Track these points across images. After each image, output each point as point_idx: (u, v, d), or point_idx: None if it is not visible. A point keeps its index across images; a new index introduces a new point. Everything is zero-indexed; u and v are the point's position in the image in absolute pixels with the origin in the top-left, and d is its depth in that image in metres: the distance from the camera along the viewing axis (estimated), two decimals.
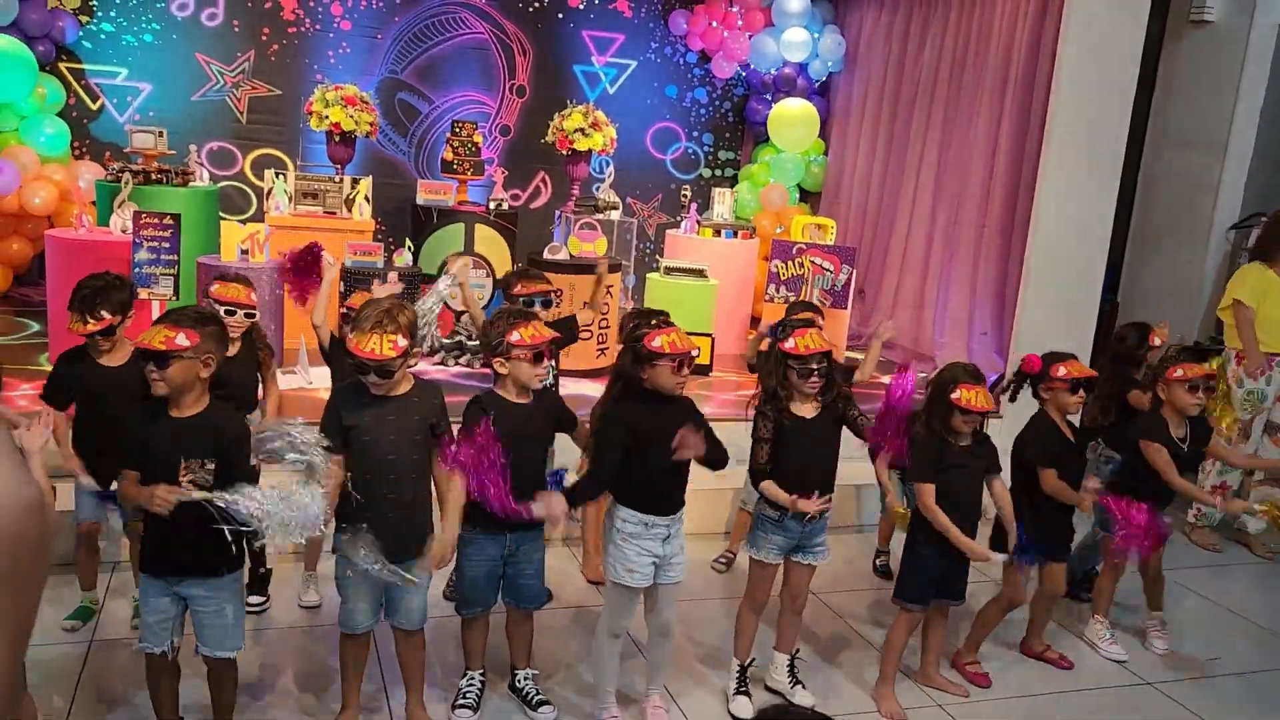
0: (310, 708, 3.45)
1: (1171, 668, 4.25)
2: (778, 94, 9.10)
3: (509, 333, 3.23)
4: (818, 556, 3.62)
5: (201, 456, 2.84)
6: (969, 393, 3.53)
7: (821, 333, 3.54)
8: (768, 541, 3.56)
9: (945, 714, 3.76)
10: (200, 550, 2.89)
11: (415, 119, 8.60)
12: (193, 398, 2.90)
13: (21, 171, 6.79)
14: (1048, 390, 3.96)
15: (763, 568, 3.62)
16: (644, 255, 8.95)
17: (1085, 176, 6.06)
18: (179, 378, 2.84)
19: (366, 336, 3.04)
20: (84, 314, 3.55)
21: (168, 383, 2.83)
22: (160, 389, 2.85)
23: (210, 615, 2.98)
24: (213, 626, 2.99)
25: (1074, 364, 3.96)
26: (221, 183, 7.66)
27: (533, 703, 3.52)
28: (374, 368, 3.05)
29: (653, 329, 3.24)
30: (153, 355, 2.81)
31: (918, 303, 7.86)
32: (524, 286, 4.15)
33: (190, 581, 2.94)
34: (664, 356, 3.19)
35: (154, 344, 2.80)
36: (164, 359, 2.81)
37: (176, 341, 2.81)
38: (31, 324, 6.68)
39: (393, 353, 3.03)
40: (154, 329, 2.86)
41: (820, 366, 3.44)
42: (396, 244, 6.81)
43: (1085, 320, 6.24)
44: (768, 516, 3.55)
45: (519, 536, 3.37)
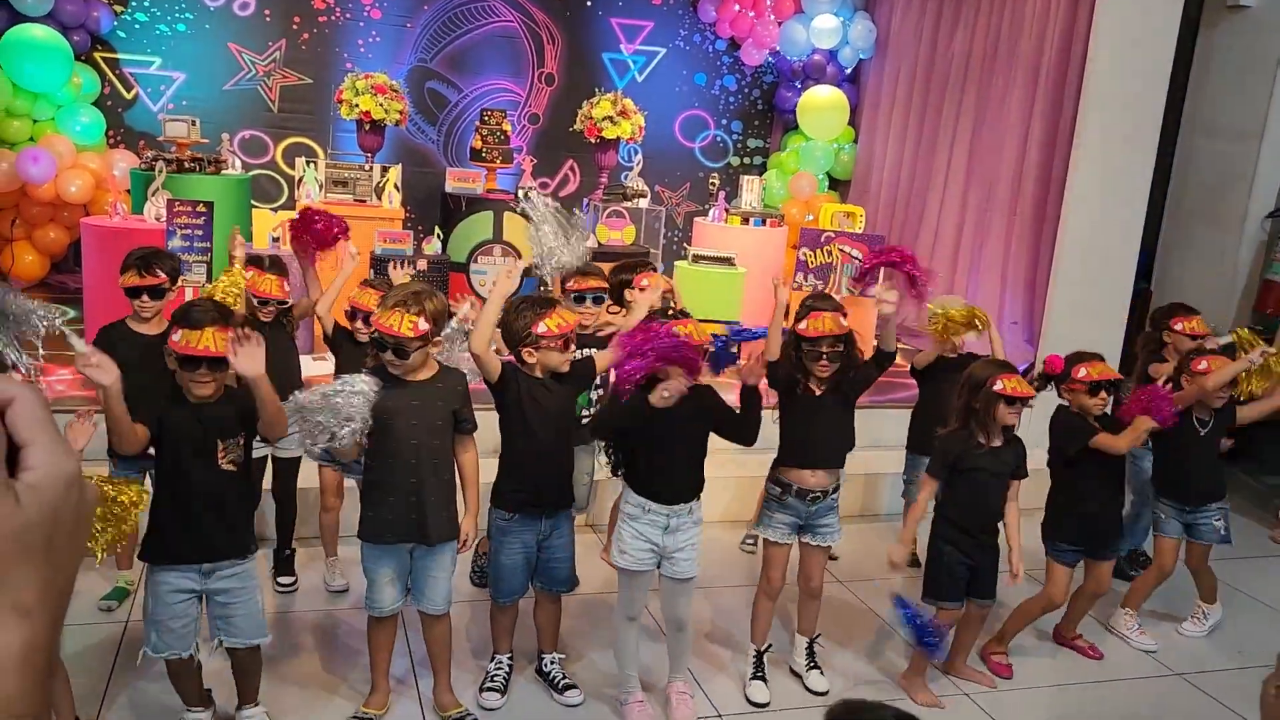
0: (340, 689, 3.50)
1: (1202, 659, 4.21)
2: (807, 81, 9.05)
3: (535, 324, 3.25)
4: (827, 537, 3.64)
5: (235, 434, 2.92)
6: (1010, 381, 3.53)
7: (838, 317, 3.55)
8: (775, 520, 3.60)
9: (973, 703, 3.75)
10: (232, 528, 2.94)
11: (444, 107, 8.64)
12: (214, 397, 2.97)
13: (58, 160, 6.88)
14: (1069, 391, 3.93)
15: (774, 548, 3.65)
16: (672, 243, 8.94)
17: (1118, 164, 5.98)
18: (225, 380, 2.93)
19: (389, 313, 3.08)
20: (140, 270, 3.65)
21: (218, 383, 2.90)
22: (208, 390, 2.88)
23: (240, 605, 3.01)
24: (244, 616, 3.02)
25: (1096, 365, 3.87)
26: (253, 171, 7.73)
27: (559, 686, 3.55)
28: (391, 344, 3.07)
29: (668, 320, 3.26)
30: (210, 361, 2.84)
31: (947, 291, 7.79)
32: (578, 282, 4.15)
33: (224, 569, 2.95)
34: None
35: (217, 348, 2.82)
36: (221, 363, 2.85)
37: None
38: (68, 310, 6.75)
39: (410, 332, 3.04)
40: (206, 334, 2.84)
41: (830, 350, 3.45)
42: (426, 232, 6.85)
43: (1117, 309, 6.17)
44: (773, 495, 3.62)
45: (553, 521, 3.40)
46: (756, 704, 3.63)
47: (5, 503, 0.61)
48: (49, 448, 0.64)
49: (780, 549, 3.65)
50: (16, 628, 0.61)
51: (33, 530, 0.62)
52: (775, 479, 3.63)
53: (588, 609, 4.21)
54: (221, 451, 2.90)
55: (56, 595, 0.64)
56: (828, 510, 3.61)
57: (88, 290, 5.84)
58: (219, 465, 2.89)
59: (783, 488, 3.59)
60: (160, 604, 2.93)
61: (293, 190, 7.65)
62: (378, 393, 2.97)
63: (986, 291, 7.29)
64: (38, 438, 0.64)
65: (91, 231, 5.78)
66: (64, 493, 0.64)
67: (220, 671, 3.26)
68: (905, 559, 3.85)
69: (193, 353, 2.83)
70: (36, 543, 0.62)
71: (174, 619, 2.93)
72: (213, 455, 2.88)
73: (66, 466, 0.64)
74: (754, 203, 7.86)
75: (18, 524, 0.61)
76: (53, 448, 0.64)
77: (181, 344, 2.84)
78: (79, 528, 0.65)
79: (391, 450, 3.13)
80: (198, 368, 2.85)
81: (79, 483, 0.65)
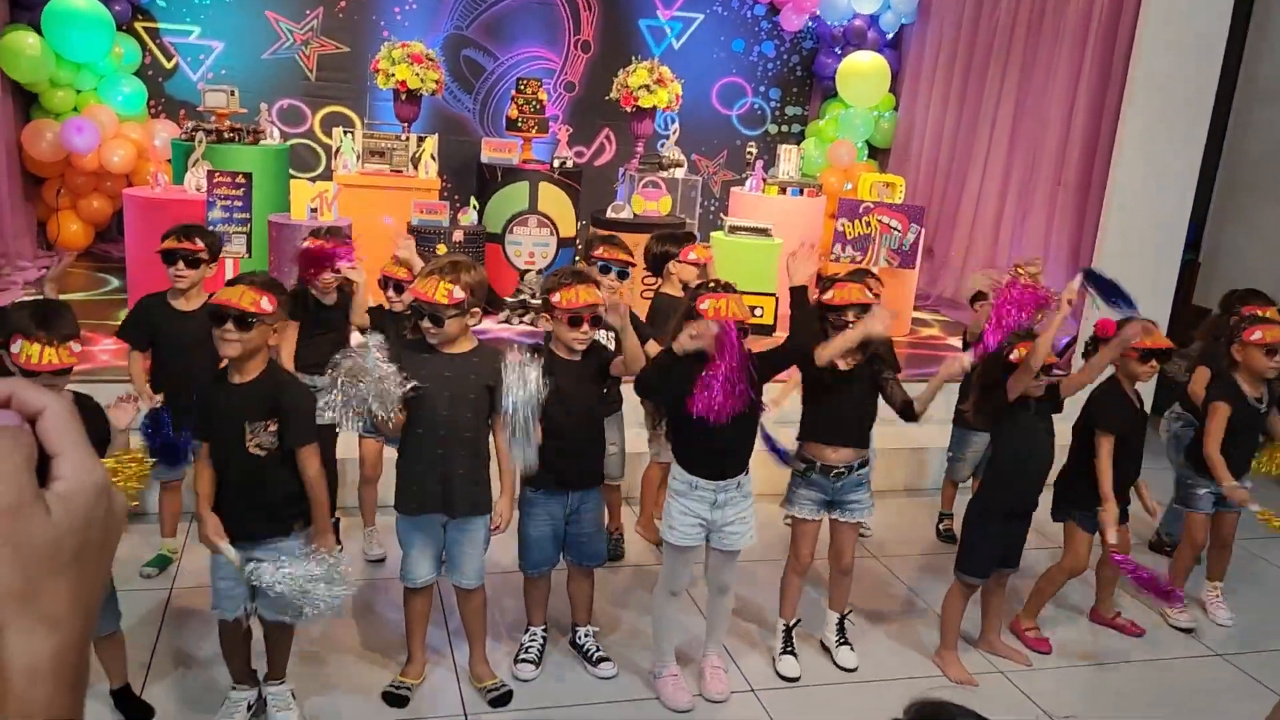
0: (377, 659, 3.55)
1: (1242, 640, 4.15)
2: (847, 47, 8.90)
3: (552, 292, 3.28)
4: (857, 513, 3.62)
5: (264, 419, 2.90)
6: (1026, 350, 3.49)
7: (864, 287, 3.53)
8: (801, 497, 3.60)
9: (1008, 681, 3.73)
10: (273, 511, 2.96)
11: (480, 75, 8.60)
12: (256, 362, 2.94)
13: (101, 130, 6.96)
14: (1120, 357, 3.86)
15: (802, 525, 3.65)
16: (708, 213, 8.88)
17: (1168, 131, 5.83)
18: (255, 342, 2.89)
19: (427, 280, 3.10)
20: (179, 236, 3.70)
21: (244, 345, 2.86)
22: (234, 350, 2.86)
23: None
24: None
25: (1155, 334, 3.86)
26: (291, 140, 7.76)
27: (593, 659, 3.58)
28: (427, 310, 3.08)
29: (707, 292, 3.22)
30: (236, 315, 2.83)
31: (989, 263, 7.67)
32: (606, 251, 4.14)
33: (267, 546, 2.95)
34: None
35: (242, 304, 2.82)
36: (247, 321, 2.84)
37: (261, 305, 2.85)
38: (111, 279, 6.88)
39: (445, 299, 3.05)
40: (238, 290, 2.86)
41: (856, 320, 3.42)
42: (461, 202, 6.85)
43: (1164, 280, 6.05)
44: (797, 471, 3.61)
45: (580, 495, 3.42)
46: (786, 678, 3.64)
47: (37, 513, 0.61)
48: (78, 458, 0.64)
49: (808, 525, 3.64)
50: (47, 637, 0.61)
51: (64, 541, 0.62)
52: (799, 455, 3.62)
53: (622, 582, 4.24)
54: (249, 434, 2.89)
55: (86, 603, 0.64)
56: (855, 486, 3.59)
57: (130, 260, 5.92)
58: (247, 448, 2.89)
59: (807, 464, 3.57)
60: (215, 564, 3.02)
61: (330, 160, 7.68)
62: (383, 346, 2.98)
63: None
64: (67, 448, 0.64)
65: (134, 202, 5.84)
66: (94, 502, 0.64)
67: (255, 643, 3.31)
68: None
69: (220, 303, 2.85)
70: (67, 553, 0.62)
71: (223, 581, 3.01)
72: (240, 436, 2.89)
73: (96, 476, 0.64)
74: (791, 172, 7.77)
75: (50, 536, 0.61)
76: (82, 458, 0.64)
77: (214, 298, 2.90)
78: (108, 536, 0.66)
79: (422, 421, 3.15)
80: (223, 323, 2.83)
81: (108, 492, 0.65)
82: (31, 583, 0.61)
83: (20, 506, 0.61)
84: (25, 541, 0.61)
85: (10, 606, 0.60)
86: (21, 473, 0.62)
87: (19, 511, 0.61)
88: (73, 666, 0.63)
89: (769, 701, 3.50)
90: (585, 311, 3.26)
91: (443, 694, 3.38)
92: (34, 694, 0.60)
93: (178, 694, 3.27)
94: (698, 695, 3.47)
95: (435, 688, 3.41)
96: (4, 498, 0.61)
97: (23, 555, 0.61)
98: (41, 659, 0.61)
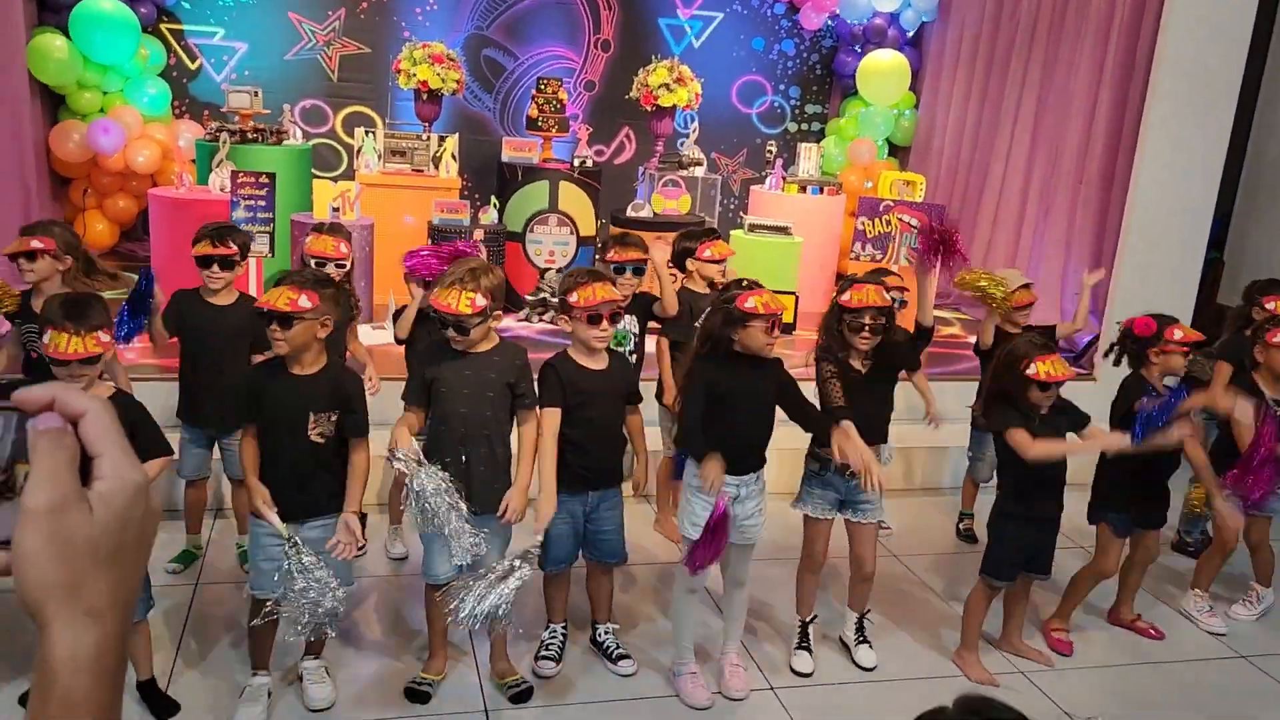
0: (400, 654, 3.58)
1: (1268, 643, 4.12)
2: (867, 45, 8.87)
3: (570, 291, 3.28)
4: (868, 513, 3.62)
5: (327, 410, 3.04)
6: (1044, 364, 3.39)
7: (881, 289, 3.51)
8: (814, 496, 3.61)
9: (1029, 682, 3.72)
10: (318, 498, 3.09)
11: (501, 75, 8.63)
12: (312, 355, 3.07)
13: (126, 131, 7.04)
14: (1159, 354, 3.83)
15: (816, 524, 3.66)
16: (728, 212, 8.88)
17: (1191, 129, 5.78)
18: (300, 338, 2.99)
19: (447, 291, 3.13)
20: (214, 240, 3.76)
21: (289, 342, 2.98)
22: (282, 348, 3.00)
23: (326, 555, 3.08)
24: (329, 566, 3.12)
25: (1183, 326, 3.88)
26: (313, 140, 7.83)
27: (613, 656, 3.60)
28: (451, 322, 3.13)
29: (744, 290, 3.24)
30: (277, 316, 2.95)
31: (1009, 262, 7.64)
32: (618, 253, 4.16)
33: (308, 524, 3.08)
34: (756, 317, 3.18)
35: (279, 305, 2.93)
36: (288, 320, 2.95)
37: (299, 303, 2.95)
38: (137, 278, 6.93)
39: (469, 309, 3.09)
40: (277, 290, 2.98)
41: (873, 322, 3.41)
42: (482, 201, 6.89)
43: (1187, 280, 6.00)
44: (810, 470, 3.61)
45: (600, 495, 3.43)
46: (800, 673, 3.66)
47: (80, 512, 0.64)
48: (119, 459, 0.67)
49: (821, 524, 3.65)
50: (89, 630, 0.64)
51: (104, 538, 0.65)
52: (813, 454, 3.61)
53: (642, 579, 4.25)
54: (313, 423, 3.03)
55: (124, 598, 0.68)
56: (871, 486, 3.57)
57: (156, 259, 5.98)
58: (309, 436, 3.03)
59: (821, 463, 3.57)
60: (256, 545, 3.13)
61: (352, 159, 7.73)
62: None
63: (1050, 262, 7.13)
64: (108, 450, 0.67)
65: (159, 202, 5.91)
66: (133, 502, 0.67)
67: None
68: None
69: (262, 305, 3.01)
70: (108, 550, 0.65)
71: (266, 560, 3.08)
72: (304, 425, 3.02)
73: (135, 477, 0.68)
74: (811, 170, 7.76)
75: (92, 533, 0.64)
76: (122, 459, 0.67)
77: (259, 300, 3.07)
78: (145, 534, 0.69)
79: (442, 418, 3.20)
80: (269, 324, 2.97)
81: (146, 492, 0.68)
82: (75, 578, 0.64)
83: (64, 505, 0.64)
84: (69, 539, 0.64)
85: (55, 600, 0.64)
86: (65, 473, 0.65)
87: (64, 510, 0.64)
88: (112, 658, 0.66)
89: (788, 699, 3.51)
90: (604, 309, 3.27)
91: (464, 690, 3.41)
92: (76, 683, 0.63)
93: (203, 687, 3.31)
94: (717, 693, 3.48)
95: (457, 684, 3.43)
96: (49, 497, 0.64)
97: (67, 552, 0.64)
98: (84, 650, 0.64)
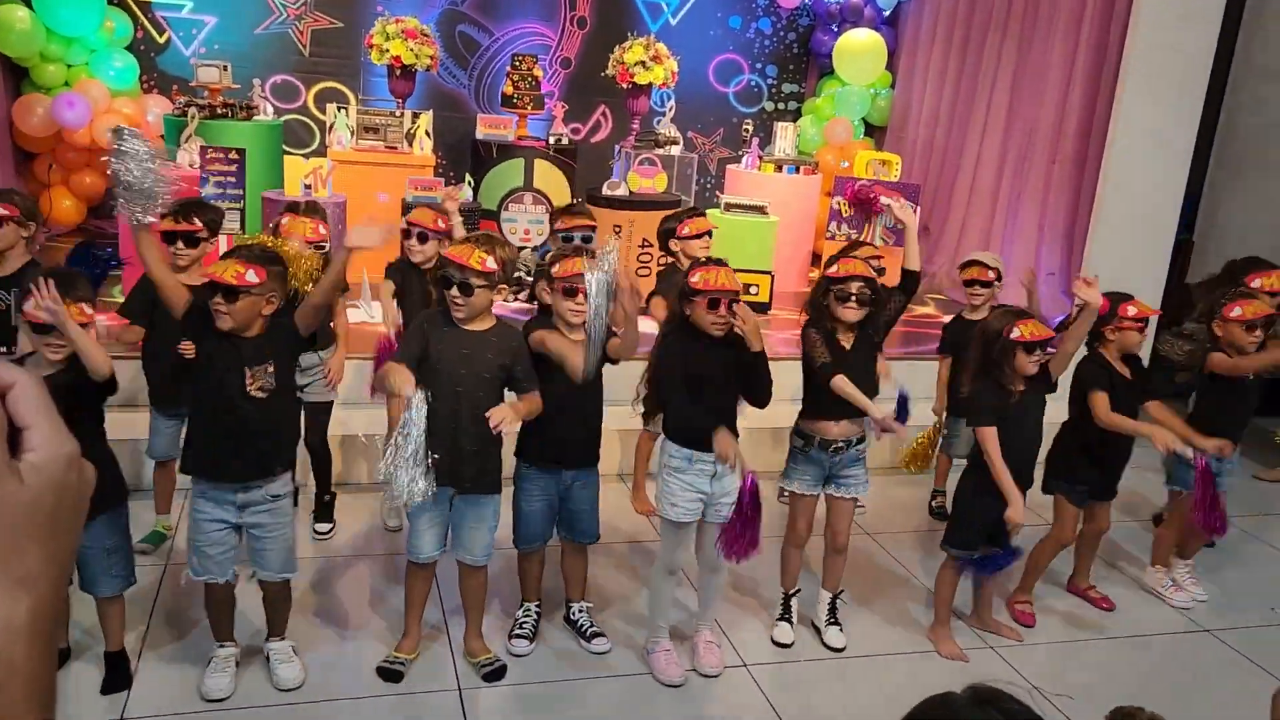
0: (374, 632, 3.57)
1: (1231, 616, 4.19)
2: (844, 24, 8.85)
3: (554, 264, 3.30)
4: (853, 488, 3.64)
5: (264, 363, 2.99)
6: (1026, 327, 3.47)
7: (868, 261, 3.56)
8: (799, 472, 3.61)
9: (997, 656, 3.76)
10: (260, 451, 3.03)
11: (475, 51, 8.54)
12: (255, 330, 3.02)
13: (92, 105, 6.91)
14: (1115, 331, 3.88)
15: (800, 500, 3.67)
16: (704, 191, 8.85)
17: (1164, 109, 5.82)
18: (245, 313, 2.94)
19: (461, 247, 3.14)
20: (177, 216, 3.69)
21: (233, 317, 2.93)
22: (226, 323, 2.94)
23: (272, 539, 3.12)
24: (275, 551, 3.14)
25: (1138, 302, 3.93)
26: (285, 116, 7.72)
27: (587, 634, 3.60)
28: (457, 278, 3.08)
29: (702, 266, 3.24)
30: (222, 289, 2.90)
31: (983, 242, 7.67)
32: (564, 221, 4.18)
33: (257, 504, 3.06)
34: (699, 294, 3.19)
35: (225, 277, 2.88)
36: (233, 293, 2.90)
37: (246, 278, 2.89)
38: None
39: (479, 265, 3.07)
40: (224, 263, 2.94)
41: (859, 292, 3.42)
42: (457, 179, 6.83)
43: (1158, 259, 6.06)
44: (796, 447, 3.62)
45: (575, 473, 3.43)
46: (780, 644, 3.69)
47: (10, 482, 0.65)
48: (49, 430, 0.67)
49: (806, 500, 3.67)
50: (23, 598, 0.65)
51: (37, 508, 0.65)
52: (799, 431, 3.64)
53: (616, 557, 4.26)
54: (250, 378, 2.98)
55: (59, 568, 0.68)
56: (852, 461, 3.61)
57: (124, 236, 5.90)
58: (249, 391, 2.98)
59: (805, 439, 3.60)
60: (198, 531, 3.08)
61: (324, 136, 7.64)
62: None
63: (1024, 241, 7.17)
64: (38, 420, 0.67)
65: None
66: (65, 472, 0.67)
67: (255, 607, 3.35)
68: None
69: (207, 277, 2.96)
70: (41, 520, 0.65)
71: (211, 546, 3.07)
72: (241, 381, 2.97)
73: (66, 447, 0.68)
74: (788, 150, 7.75)
75: (24, 502, 0.65)
76: (52, 430, 0.68)
77: (204, 271, 3.03)
78: (79, 504, 0.69)
79: (435, 393, 3.14)
80: (214, 296, 2.92)
81: (79, 462, 0.69)
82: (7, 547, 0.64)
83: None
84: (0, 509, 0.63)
85: None
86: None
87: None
88: (46, 624, 0.67)
89: (761, 676, 3.53)
90: (579, 282, 3.25)
91: (437, 669, 3.40)
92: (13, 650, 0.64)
93: (172, 664, 3.29)
94: (690, 669, 3.49)
95: (429, 663, 3.43)
96: None
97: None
98: (18, 618, 0.64)
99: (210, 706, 3.11)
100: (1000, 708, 1.14)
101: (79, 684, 3.15)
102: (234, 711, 3.11)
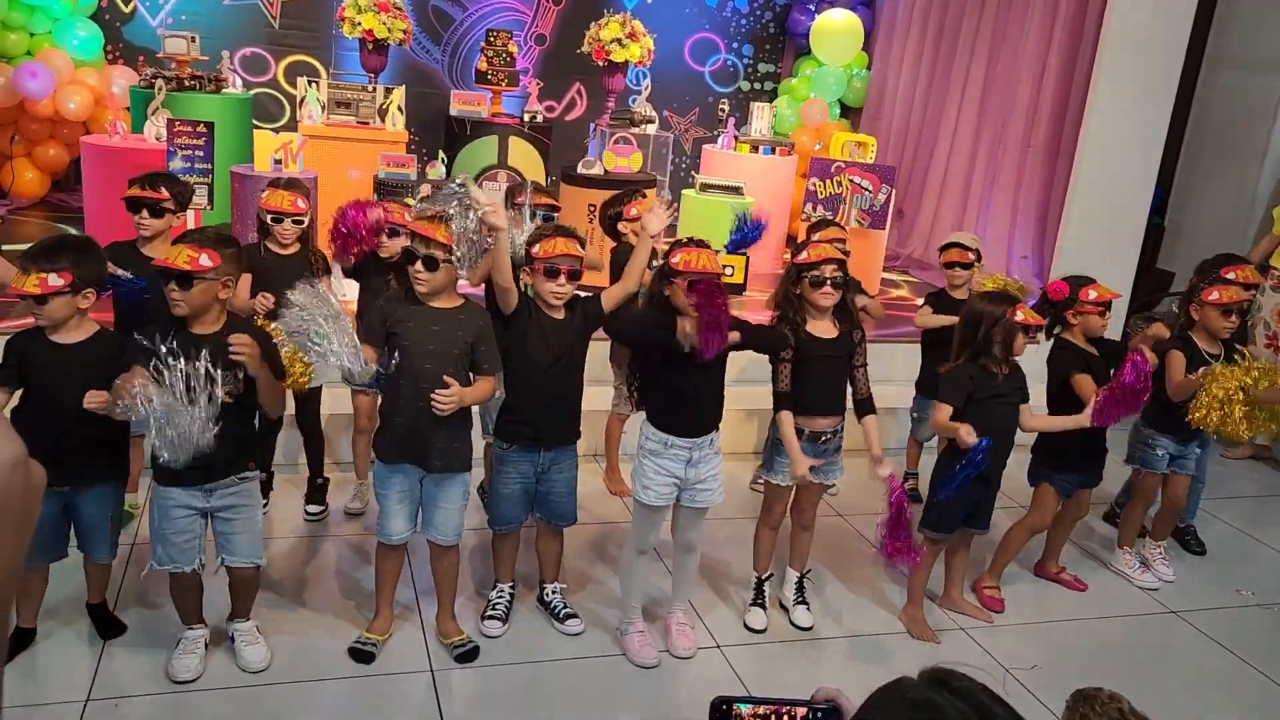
0: (346, 614, 3.54)
1: (1199, 598, 4.25)
2: (821, 4, 8.82)
3: (533, 244, 3.26)
4: (830, 474, 3.66)
5: (231, 369, 2.89)
6: (1025, 311, 3.55)
7: (836, 244, 3.57)
8: (783, 464, 3.59)
9: (969, 637, 3.79)
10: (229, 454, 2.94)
11: (449, 26, 8.44)
12: (212, 317, 2.95)
13: (56, 75, 6.76)
14: (1077, 315, 3.92)
15: (780, 489, 3.67)
16: (680, 170, 8.82)
17: (1138, 97, 5.86)
18: (199, 299, 2.89)
19: (429, 222, 3.09)
20: (143, 184, 3.66)
21: (188, 303, 2.87)
22: (181, 310, 2.88)
23: (240, 525, 3.07)
24: (243, 536, 3.09)
25: (1098, 286, 3.95)
26: (254, 90, 7.59)
27: (560, 616, 3.59)
28: (421, 250, 3.05)
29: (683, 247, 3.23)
30: (175, 275, 2.84)
31: (957, 225, 7.71)
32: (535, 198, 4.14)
33: (225, 488, 3.00)
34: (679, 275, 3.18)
35: (178, 263, 2.82)
36: (187, 279, 2.84)
37: (200, 262, 2.84)
38: (69, 229, 6.71)
39: (445, 239, 3.06)
40: (176, 249, 2.88)
41: (834, 277, 3.42)
42: (430, 155, 6.75)
43: (1130, 243, 6.11)
44: (776, 438, 3.59)
45: (552, 455, 3.40)
46: (753, 629, 3.69)
47: None
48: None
49: (785, 490, 3.67)
50: None
51: None
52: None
53: (590, 539, 4.25)
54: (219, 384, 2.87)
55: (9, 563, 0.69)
56: (835, 449, 3.62)
57: (89, 209, 5.79)
58: None
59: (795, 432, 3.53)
60: (164, 519, 2.99)
61: (294, 110, 7.52)
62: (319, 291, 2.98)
63: (997, 225, 7.21)
64: None
65: (92, 150, 5.70)
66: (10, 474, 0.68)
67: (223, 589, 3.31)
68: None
69: (159, 263, 2.89)
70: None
71: (177, 534, 3.00)
72: None
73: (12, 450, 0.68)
74: (764, 130, 7.72)
75: None
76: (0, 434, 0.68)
77: (156, 257, 2.96)
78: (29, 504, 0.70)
79: (404, 371, 3.11)
80: (167, 282, 2.86)
81: (25, 464, 0.69)
82: None
83: None
84: None
85: None
86: None
87: None
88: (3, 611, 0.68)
89: (734, 657, 3.54)
90: (560, 263, 3.22)
91: (409, 650, 3.38)
92: None
93: (139, 646, 3.25)
94: (664, 651, 3.50)
95: (401, 644, 3.40)
96: None
97: None
98: None
99: (178, 688, 3.07)
100: (951, 686, 1.15)
101: (49, 664, 3.10)
102: (203, 693, 3.08)
